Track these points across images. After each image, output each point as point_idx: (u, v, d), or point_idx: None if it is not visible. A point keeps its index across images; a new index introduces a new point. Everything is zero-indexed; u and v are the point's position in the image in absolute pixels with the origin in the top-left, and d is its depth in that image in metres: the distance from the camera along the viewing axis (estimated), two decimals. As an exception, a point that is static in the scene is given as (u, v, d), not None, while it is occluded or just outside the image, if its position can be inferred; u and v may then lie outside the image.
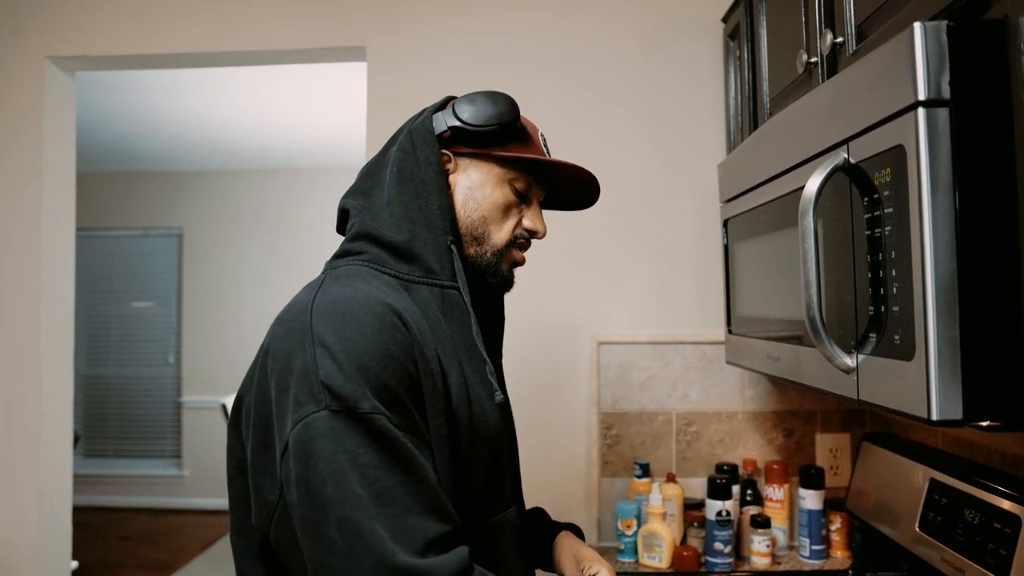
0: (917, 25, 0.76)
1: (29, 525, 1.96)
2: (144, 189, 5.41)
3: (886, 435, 1.57)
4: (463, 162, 0.95)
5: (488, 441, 0.89)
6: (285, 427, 0.77)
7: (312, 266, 6.27)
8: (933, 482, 1.23)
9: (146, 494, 5.35)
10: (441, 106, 0.97)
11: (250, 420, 0.84)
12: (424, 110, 0.97)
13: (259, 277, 5.32)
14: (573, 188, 1.04)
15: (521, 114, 0.96)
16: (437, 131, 0.93)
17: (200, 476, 5.29)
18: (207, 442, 5.23)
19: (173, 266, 5.42)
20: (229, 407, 3.63)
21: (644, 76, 1.87)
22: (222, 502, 5.17)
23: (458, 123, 0.92)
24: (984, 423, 0.75)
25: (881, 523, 1.38)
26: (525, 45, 1.89)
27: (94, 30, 1.98)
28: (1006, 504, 1.06)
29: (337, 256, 0.94)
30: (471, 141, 0.94)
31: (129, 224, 5.42)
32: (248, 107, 3.80)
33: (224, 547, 4.42)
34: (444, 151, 0.94)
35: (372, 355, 0.77)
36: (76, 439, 4.38)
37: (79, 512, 5.17)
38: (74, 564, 2.17)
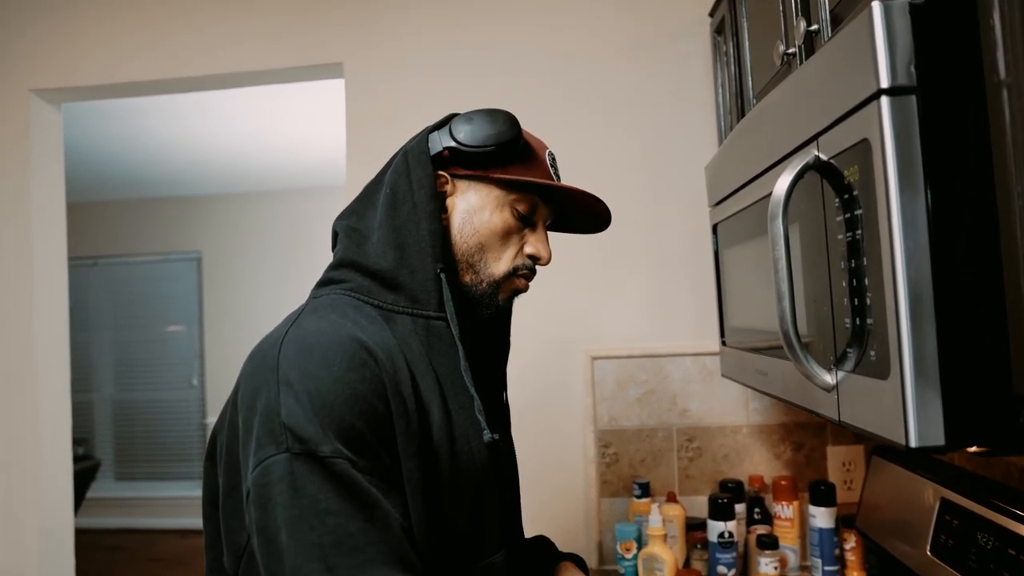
0: (875, 4, 0.68)
1: (29, 554, 1.95)
2: (160, 215, 5.46)
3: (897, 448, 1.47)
4: (461, 184, 0.89)
5: (472, 481, 0.83)
6: (248, 470, 0.73)
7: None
8: (944, 502, 1.13)
9: (174, 516, 5.38)
10: (440, 125, 0.90)
11: (222, 459, 0.81)
12: (424, 129, 0.91)
13: (278, 297, 5.33)
14: (581, 212, 0.96)
15: (525, 131, 0.90)
16: (433, 151, 0.87)
17: (226, 497, 5.31)
18: (232, 463, 5.25)
19: (194, 289, 5.46)
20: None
21: (632, 81, 1.79)
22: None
23: (454, 143, 0.86)
24: (971, 449, 0.67)
25: (892, 544, 1.28)
26: (507, 56, 1.83)
27: (75, 61, 1.98)
28: (1023, 529, 0.95)
29: (320, 284, 0.89)
30: (468, 163, 0.87)
31: (148, 250, 5.47)
32: (252, 128, 3.80)
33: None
34: (441, 172, 0.88)
35: (338, 394, 0.72)
36: (97, 465, 4.40)
37: (112, 535, 5.19)
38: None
